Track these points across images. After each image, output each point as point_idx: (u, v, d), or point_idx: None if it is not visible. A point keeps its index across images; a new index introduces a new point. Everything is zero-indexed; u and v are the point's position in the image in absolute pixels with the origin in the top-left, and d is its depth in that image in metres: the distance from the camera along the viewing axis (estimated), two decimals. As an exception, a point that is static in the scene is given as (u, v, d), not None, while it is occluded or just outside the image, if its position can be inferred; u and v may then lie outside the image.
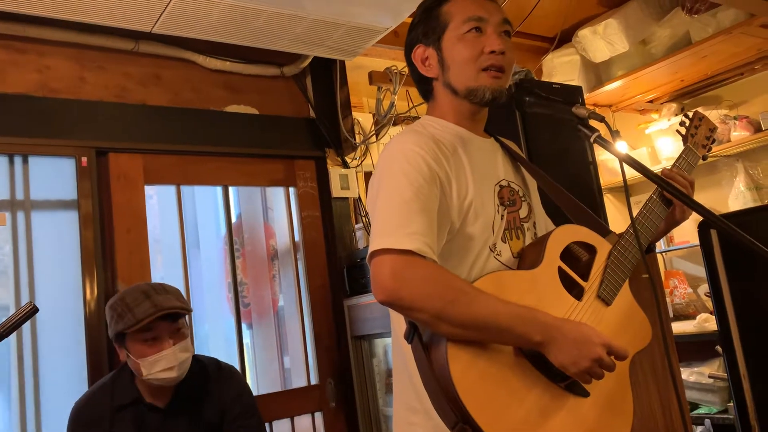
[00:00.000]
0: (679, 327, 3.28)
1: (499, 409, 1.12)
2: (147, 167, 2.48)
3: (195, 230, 2.92)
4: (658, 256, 3.71)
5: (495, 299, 1.13)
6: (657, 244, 3.57)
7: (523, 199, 1.39)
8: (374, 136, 3.03)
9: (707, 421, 3.02)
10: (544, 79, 3.45)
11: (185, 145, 2.55)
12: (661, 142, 3.65)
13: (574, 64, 3.38)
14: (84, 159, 2.33)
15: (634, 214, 1.36)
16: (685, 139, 1.51)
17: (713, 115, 3.37)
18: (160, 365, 1.77)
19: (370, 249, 1.14)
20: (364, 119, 3.24)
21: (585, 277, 1.29)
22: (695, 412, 3.11)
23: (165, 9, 2.12)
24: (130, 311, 1.76)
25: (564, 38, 3.47)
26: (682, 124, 1.55)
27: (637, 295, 1.33)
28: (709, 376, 3.09)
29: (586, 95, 3.52)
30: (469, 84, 1.31)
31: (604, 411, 1.23)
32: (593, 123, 1.24)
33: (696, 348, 3.14)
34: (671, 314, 3.50)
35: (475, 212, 1.26)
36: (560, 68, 3.39)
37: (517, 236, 1.34)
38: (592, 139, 1.20)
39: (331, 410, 2.73)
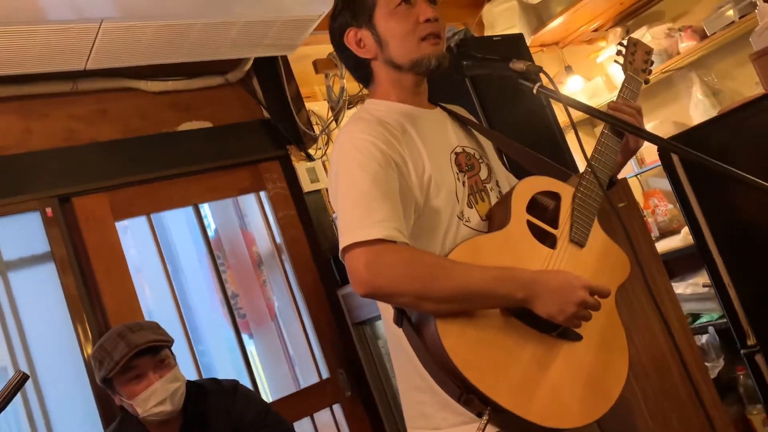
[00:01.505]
0: (666, 244, 3.33)
1: (499, 372, 1.15)
2: (113, 204, 2.46)
3: (175, 254, 2.91)
4: (634, 179, 3.75)
5: (471, 267, 1.15)
6: (630, 168, 3.60)
7: (480, 161, 1.40)
8: (333, 123, 3.03)
9: (710, 329, 3.08)
10: (487, 31, 3.44)
11: (146, 174, 2.53)
12: (613, 69, 3.67)
13: (513, 10, 3.38)
14: (48, 210, 2.31)
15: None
16: (624, 67, 1.52)
17: (658, 30, 3.38)
18: (152, 401, 1.78)
19: (341, 246, 1.15)
20: (320, 108, 3.22)
21: (555, 225, 1.31)
22: (698, 322, 3.17)
23: (93, 44, 2.08)
24: (109, 355, 1.77)
25: (498, -14, 3.46)
26: (618, 53, 1.56)
27: (629, 224, 1.33)
28: (703, 285, 3.15)
29: (530, 38, 3.52)
30: (411, 56, 1.31)
31: (599, 350, 1.26)
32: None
33: (686, 261, 3.19)
34: (657, 233, 3.55)
35: (436, 185, 1.27)
36: (500, 17, 3.38)
37: (482, 199, 1.36)
38: (534, 91, 1.20)
39: (348, 399, 2.76)
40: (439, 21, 1.33)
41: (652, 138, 1.11)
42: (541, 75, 1.23)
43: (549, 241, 1.29)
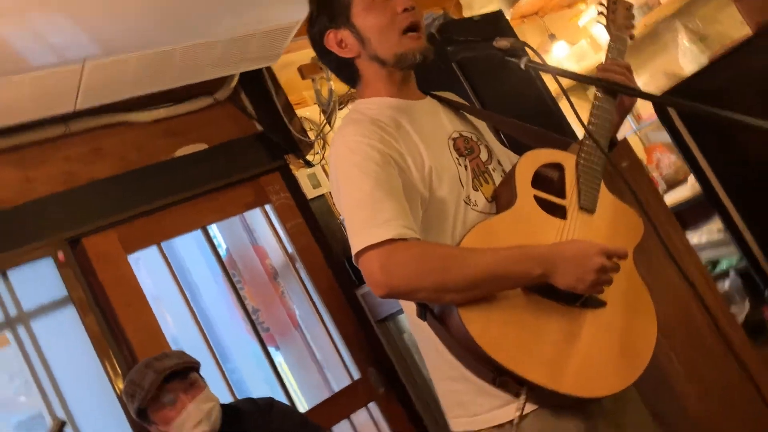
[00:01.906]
0: (675, 195, 3.32)
1: (529, 350, 1.15)
2: (123, 238, 2.47)
3: (191, 278, 2.92)
4: (634, 136, 3.73)
5: (484, 252, 1.15)
6: (628, 125, 3.57)
7: (479, 143, 1.39)
8: (327, 126, 3.02)
9: (732, 273, 3.07)
10: (465, 11, 3.42)
11: (150, 204, 2.54)
12: (597, 30, 3.65)
13: (489, -14, 3.36)
14: (60, 254, 2.33)
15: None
16: (607, 27, 1.51)
17: (637, -16, 3.36)
18: (189, 423, 1.79)
19: (353, 251, 1.15)
20: (311, 113, 3.22)
21: (562, 195, 1.30)
22: (718, 268, 3.16)
23: (79, 85, 2.09)
24: (139, 386, 1.78)
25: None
26: (599, 14, 1.56)
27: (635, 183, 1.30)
28: (719, 231, 3.13)
29: (510, 11, 3.51)
30: (395, 50, 1.31)
31: (625, 312, 1.25)
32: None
33: (698, 209, 3.18)
34: (664, 186, 3.54)
35: (438, 175, 1.27)
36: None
37: (486, 181, 1.35)
38: (523, 66, 1.20)
39: (383, 396, 2.76)
40: (417, 9, 1.32)
41: (645, 95, 1.11)
42: (527, 49, 1.23)
43: (559, 212, 1.29)
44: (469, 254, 1.14)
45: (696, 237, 3.33)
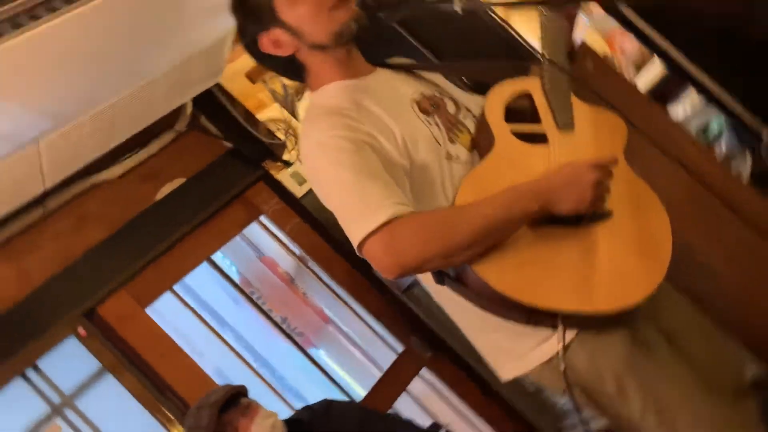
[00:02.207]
0: (649, 75, 3.29)
1: (552, 282, 1.15)
2: (135, 294, 2.47)
3: (213, 309, 2.93)
4: (592, 32, 3.68)
5: (479, 204, 1.14)
6: (581, 19, 3.51)
7: (442, 97, 1.37)
8: (293, 120, 3.00)
9: (725, 131, 3.06)
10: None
11: (149, 254, 2.54)
12: None
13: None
14: (80, 329, 2.33)
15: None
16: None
17: None
18: None
19: (354, 245, 1.15)
20: (274, 112, 3.19)
21: (538, 122, 1.29)
22: (710, 132, 3.15)
23: (41, 164, 2.06)
24: (199, 427, 1.81)
25: None
26: None
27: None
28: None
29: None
30: (329, 30, 1.26)
31: (633, 214, 1.25)
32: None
33: (673, 83, 3.15)
34: (635, 71, 3.50)
35: (412, 142, 1.25)
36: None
37: (460, 131, 1.34)
38: (459, 11, 1.17)
39: (432, 359, 2.78)
40: None
41: (588, -1, 1.08)
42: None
43: (540, 139, 1.28)
44: (466, 211, 1.14)
45: (680, 109, 3.32)
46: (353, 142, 1.20)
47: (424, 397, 2.78)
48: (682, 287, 1.84)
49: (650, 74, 3.20)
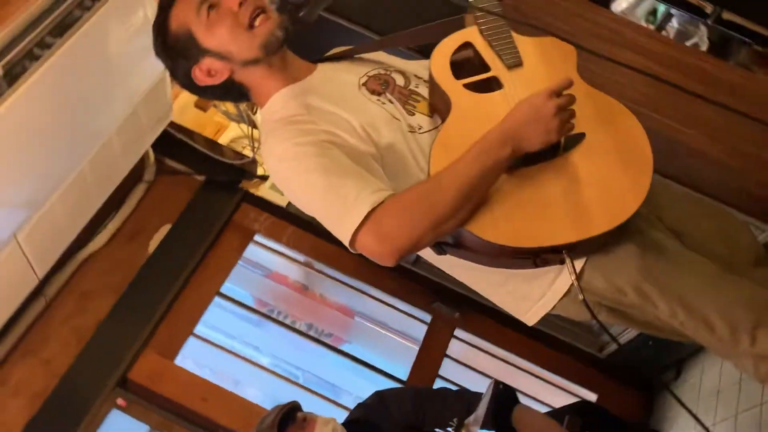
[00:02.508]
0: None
1: (545, 219, 1.15)
2: (159, 350, 2.51)
3: (239, 339, 2.95)
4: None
5: (452, 167, 1.13)
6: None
7: (388, 73, 1.36)
8: (254, 132, 2.97)
9: (672, 11, 3.03)
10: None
11: (160, 307, 2.56)
12: None
13: None
14: (118, 400, 2.36)
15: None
16: None
17: None
18: None
19: (346, 243, 1.15)
20: (235, 131, 3.18)
21: (487, 69, 1.28)
22: (660, 14, 3.13)
23: (26, 257, 2.06)
24: None
25: None
26: None
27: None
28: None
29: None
30: (256, 44, 1.24)
31: (606, 127, 1.24)
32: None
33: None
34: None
35: (371, 126, 1.24)
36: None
37: (416, 100, 1.33)
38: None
39: (461, 318, 2.81)
40: None
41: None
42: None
43: (494, 85, 1.27)
44: (442, 178, 1.13)
45: (623, 3, 3.30)
46: (314, 145, 1.19)
47: (465, 356, 2.81)
48: (675, 177, 1.86)
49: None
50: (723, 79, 2.13)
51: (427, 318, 2.84)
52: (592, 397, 2.75)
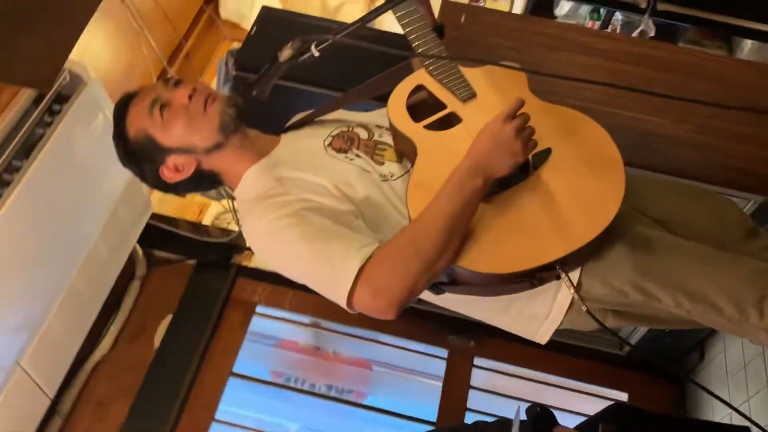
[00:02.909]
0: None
1: (531, 240, 1.16)
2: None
3: (263, 418, 2.90)
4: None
5: (430, 209, 1.14)
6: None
7: (350, 129, 1.38)
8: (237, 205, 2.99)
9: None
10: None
11: (177, 400, 2.54)
12: None
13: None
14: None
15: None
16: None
17: None
18: None
19: (343, 305, 1.15)
20: (217, 208, 3.20)
21: (444, 107, 1.30)
22: (603, 12, 3.20)
23: (35, 381, 2.04)
24: None
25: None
26: None
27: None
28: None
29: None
30: (212, 129, 1.25)
31: (568, 138, 1.25)
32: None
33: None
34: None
35: (344, 184, 1.25)
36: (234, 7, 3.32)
37: (382, 149, 1.35)
38: (317, 54, 1.18)
39: (476, 346, 2.79)
40: (198, 86, 1.27)
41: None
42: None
43: (454, 120, 1.29)
44: (422, 220, 1.14)
45: (566, 5, 3.38)
46: (292, 215, 1.19)
47: (490, 383, 2.78)
48: (651, 166, 1.88)
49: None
50: (676, 61, 2.17)
51: (444, 353, 2.82)
52: (622, 396, 2.72)
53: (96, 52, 2.48)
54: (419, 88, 1.34)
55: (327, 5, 3.90)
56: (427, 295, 1.32)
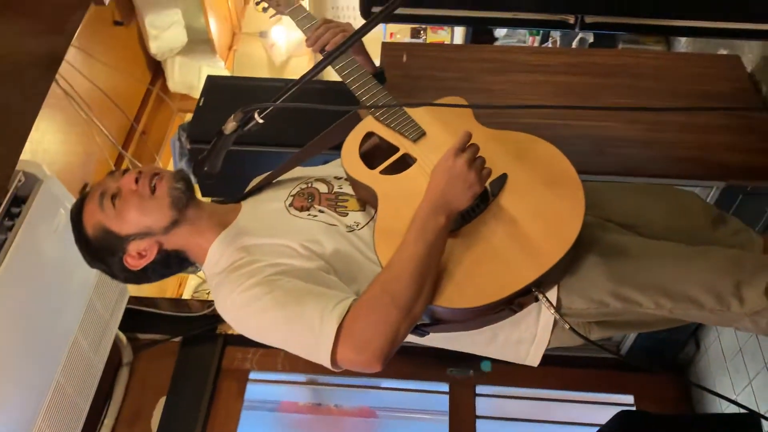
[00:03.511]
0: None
1: (503, 267, 1.16)
2: None
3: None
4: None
5: (397, 255, 1.14)
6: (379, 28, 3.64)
7: (309, 185, 1.38)
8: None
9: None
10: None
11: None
12: (275, 34, 3.72)
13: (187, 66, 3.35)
14: None
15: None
16: (278, 12, 1.53)
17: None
18: None
19: (327, 365, 1.13)
20: (195, 280, 3.16)
21: (396, 149, 1.31)
22: (543, 32, 3.28)
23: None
24: None
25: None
26: (257, 3, 1.58)
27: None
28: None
29: (214, 60, 3.51)
30: (164, 206, 1.24)
31: (521, 161, 1.26)
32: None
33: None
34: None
35: (311, 242, 1.24)
36: (175, 71, 3.34)
37: (344, 201, 1.35)
38: (261, 120, 1.18)
39: (477, 375, 2.77)
40: (143, 169, 1.28)
41: (360, 34, 1.10)
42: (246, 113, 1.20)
43: (408, 161, 1.30)
44: (392, 267, 1.14)
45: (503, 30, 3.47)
46: (263, 283, 1.18)
47: (496, 409, 2.75)
48: (610, 171, 1.91)
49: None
50: (618, 64, 2.23)
51: (446, 387, 2.79)
52: (628, 399, 2.71)
53: (48, 147, 2.46)
54: (370, 134, 1.36)
55: (273, 63, 3.95)
56: (412, 339, 1.31)
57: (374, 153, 1.36)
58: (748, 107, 2.01)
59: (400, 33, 3.93)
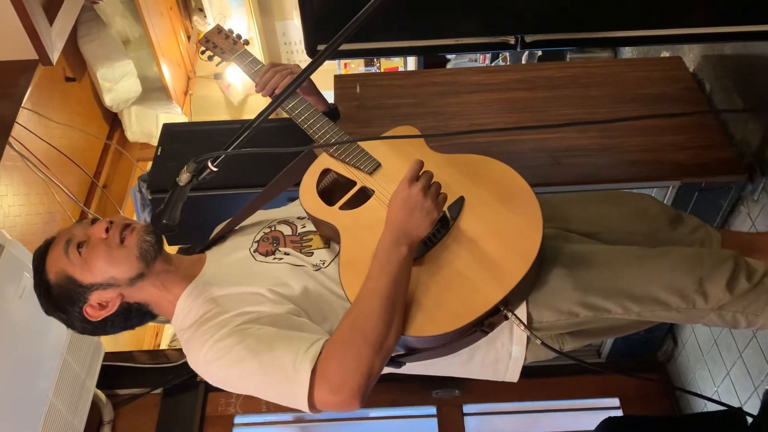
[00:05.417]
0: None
1: (470, 290, 1.17)
2: None
3: None
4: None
5: (363, 290, 1.14)
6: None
7: (273, 228, 1.38)
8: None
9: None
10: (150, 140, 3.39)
11: None
12: (230, 75, 3.74)
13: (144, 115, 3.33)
14: None
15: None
16: (224, 59, 1.54)
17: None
18: None
19: (304, 410, 1.12)
20: (171, 328, 3.11)
21: (353, 184, 1.33)
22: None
23: None
24: None
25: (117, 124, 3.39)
26: (203, 53, 1.60)
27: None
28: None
29: (172, 108, 3.50)
30: (132, 257, 1.22)
31: (476, 183, 1.28)
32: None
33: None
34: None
35: (280, 286, 1.23)
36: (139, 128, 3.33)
37: (309, 240, 1.35)
38: (215, 168, 1.19)
39: (463, 394, 2.77)
40: (115, 220, 1.25)
41: (304, 78, 1.12)
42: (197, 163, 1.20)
43: (367, 194, 1.31)
44: (360, 303, 1.14)
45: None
46: (232, 334, 1.16)
47: (486, 427, 2.75)
48: (567, 181, 1.94)
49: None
50: (566, 76, 2.28)
51: (433, 410, 2.78)
52: (614, 402, 2.73)
53: (8, 210, 2.43)
54: (326, 171, 1.37)
55: (232, 103, 3.96)
56: (390, 369, 1.31)
57: (333, 188, 1.37)
58: (698, 111, 2.07)
59: (354, 62, 3.98)
